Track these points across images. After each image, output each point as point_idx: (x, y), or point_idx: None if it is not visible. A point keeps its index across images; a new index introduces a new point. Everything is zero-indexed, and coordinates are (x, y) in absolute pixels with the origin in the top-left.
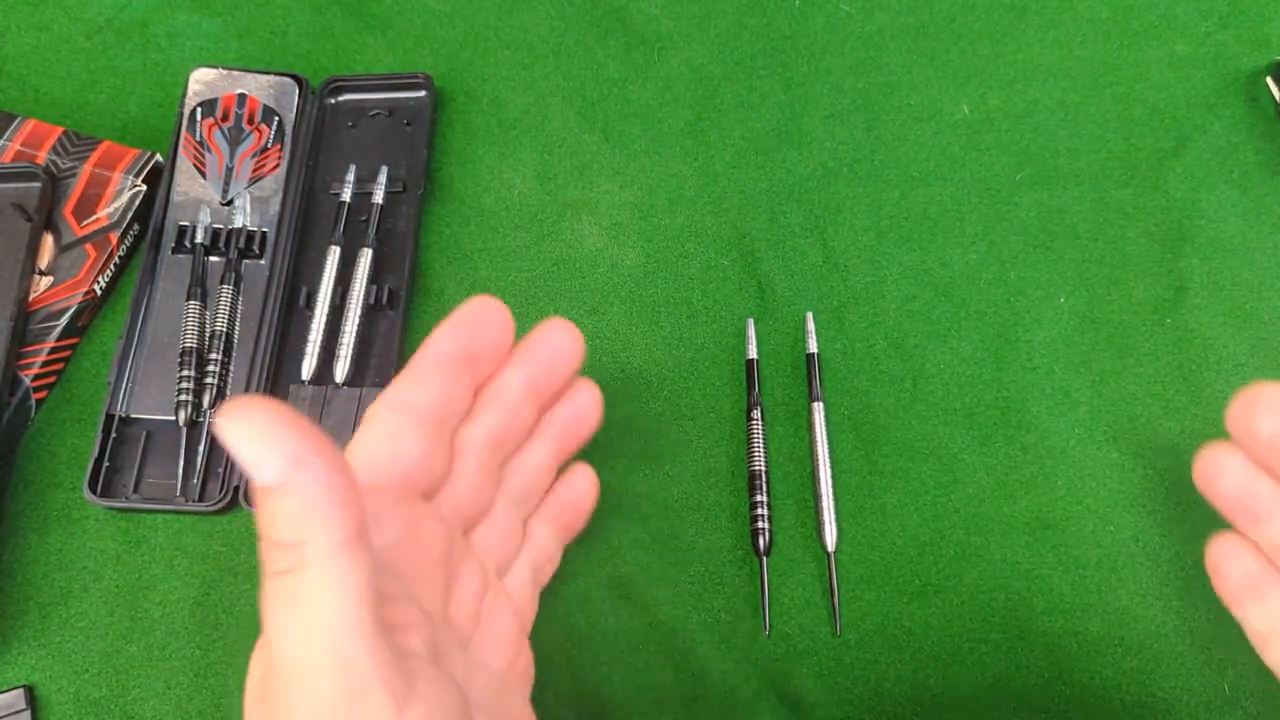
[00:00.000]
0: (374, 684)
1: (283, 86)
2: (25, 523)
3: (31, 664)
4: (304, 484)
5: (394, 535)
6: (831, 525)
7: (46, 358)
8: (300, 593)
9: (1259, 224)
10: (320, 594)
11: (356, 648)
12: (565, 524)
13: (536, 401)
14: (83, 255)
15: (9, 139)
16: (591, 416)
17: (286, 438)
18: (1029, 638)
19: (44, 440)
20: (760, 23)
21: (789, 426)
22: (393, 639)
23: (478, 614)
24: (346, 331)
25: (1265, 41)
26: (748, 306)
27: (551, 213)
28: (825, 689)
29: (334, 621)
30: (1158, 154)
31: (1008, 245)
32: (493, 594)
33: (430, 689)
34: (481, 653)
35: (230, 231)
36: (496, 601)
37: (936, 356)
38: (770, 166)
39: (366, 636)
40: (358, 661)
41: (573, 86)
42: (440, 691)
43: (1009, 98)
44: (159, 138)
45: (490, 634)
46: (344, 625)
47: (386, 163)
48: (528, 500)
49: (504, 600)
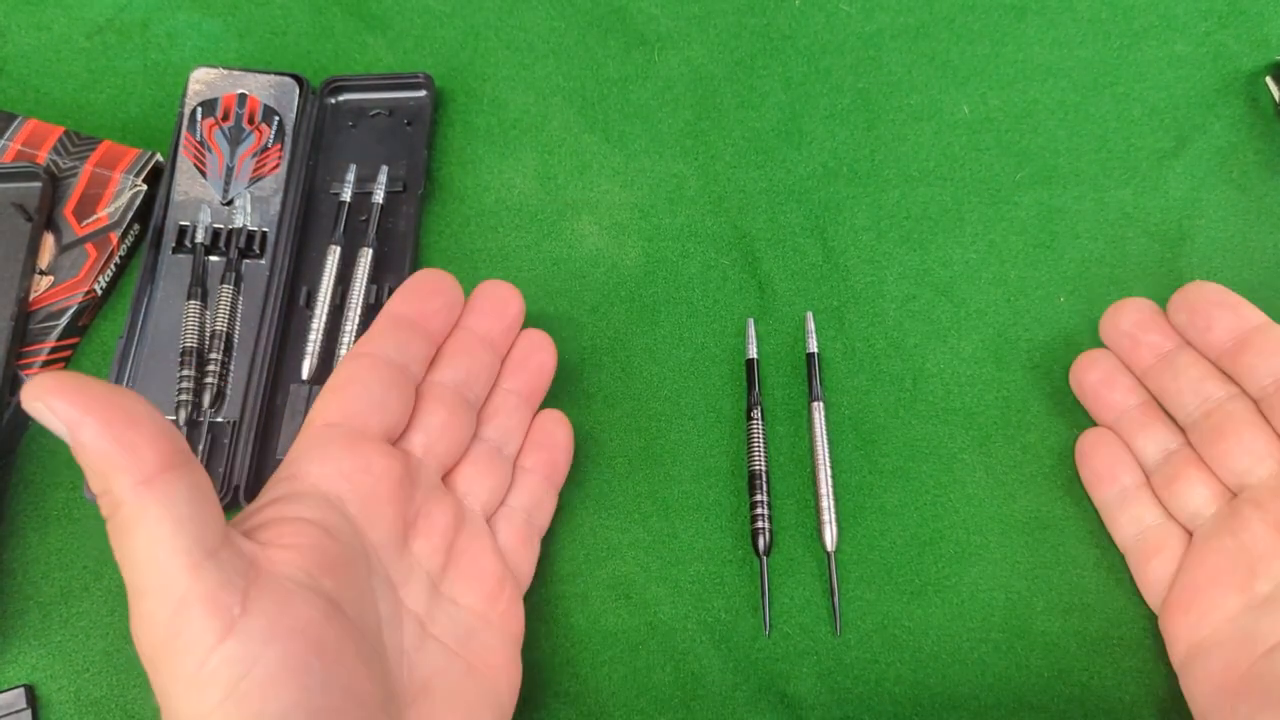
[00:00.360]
0: (194, 601)
1: (283, 86)
2: (26, 522)
3: (32, 663)
4: (86, 440)
5: (336, 469)
6: (831, 525)
7: (47, 357)
8: (121, 530)
9: (1259, 224)
10: (134, 528)
11: (172, 569)
12: (548, 465)
13: (492, 348)
14: (83, 255)
15: (9, 139)
16: (545, 355)
17: (63, 403)
18: (1029, 637)
19: (44, 440)
20: (760, 22)
21: (789, 426)
22: (234, 559)
23: (448, 549)
24: (347, 331)
25: (1265, 41)
26: (748, 306)
27: (552, 212)
28: (825, 689)
29: (149, 549)
30: (1157, 154)
31: (1008, 245)
32: (470, 532)
33: (274, 605)
34: (453, 589)
35: (230, 231)
36: (475, 540)
37: (936, 356)
38: (770, 166)
39: (183, 558)
40: (176, 582)
41: (573, 86)
42: (289, 608)
43: (1009, 98)
44: (159, 137)
45: (464, 572)
46: (157, 552)
47: (387, 162)
48: (507, 444)
49: (485, 541)
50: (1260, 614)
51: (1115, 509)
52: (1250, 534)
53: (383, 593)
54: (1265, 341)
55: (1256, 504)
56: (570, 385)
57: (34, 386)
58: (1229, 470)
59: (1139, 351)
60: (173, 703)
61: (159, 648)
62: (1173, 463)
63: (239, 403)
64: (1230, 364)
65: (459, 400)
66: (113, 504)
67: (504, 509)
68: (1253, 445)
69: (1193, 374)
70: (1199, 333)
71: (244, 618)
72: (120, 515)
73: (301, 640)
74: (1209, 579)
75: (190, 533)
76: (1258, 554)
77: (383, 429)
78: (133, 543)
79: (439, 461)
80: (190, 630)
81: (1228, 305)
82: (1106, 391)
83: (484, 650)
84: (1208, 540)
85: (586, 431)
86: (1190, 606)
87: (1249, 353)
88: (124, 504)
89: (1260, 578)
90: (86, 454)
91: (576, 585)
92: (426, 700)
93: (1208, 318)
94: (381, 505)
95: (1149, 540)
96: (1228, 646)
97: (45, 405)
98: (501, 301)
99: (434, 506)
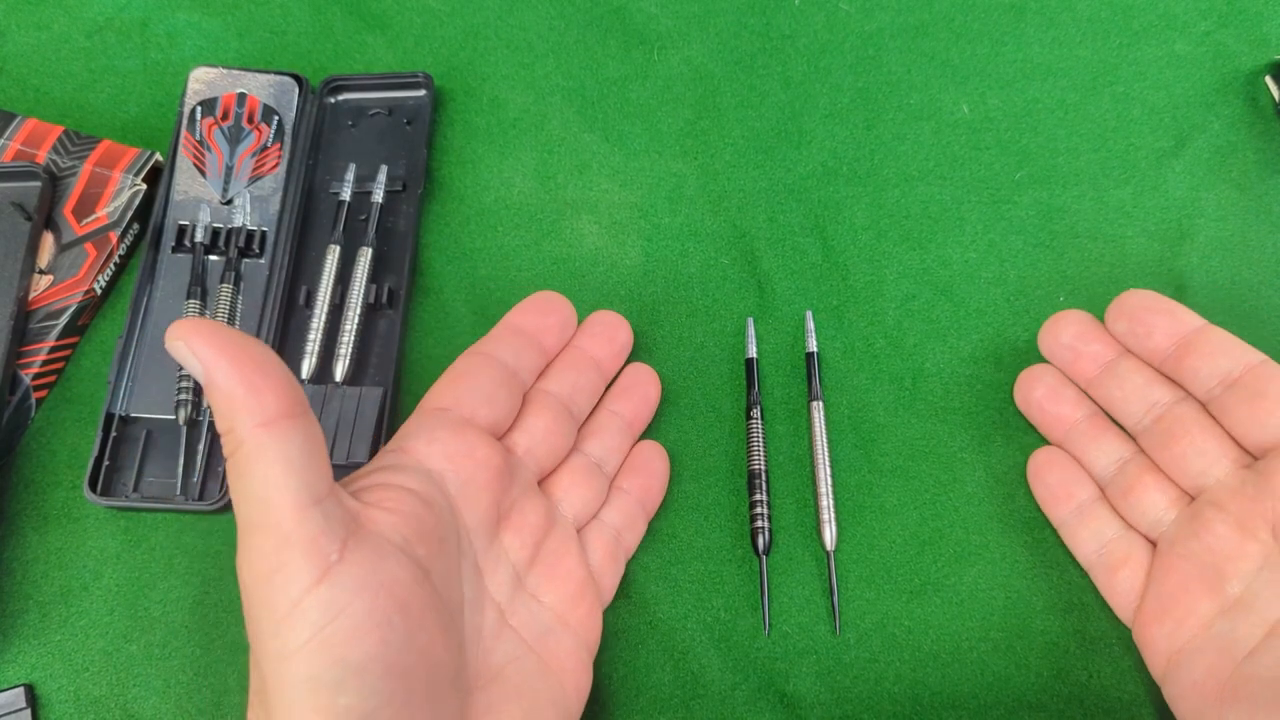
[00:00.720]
0: (297, 541)
1: (283, 86)
2: (25, 522)
3: (32, 662)
4: (218, 381)
5: (441, 449)
6: (831, 524)
7: (46, 357)
8: (239, 468)
9: (1258, 223)
10: (251, 466)
11: (282, 508)
12: (644, 490)
13: (599, 370)
14: (83, 254)
15: (9, 138)
16: (650, 388)
17: (202, 344)
18: (1028, 636)
19: (44, 439)
20: (760, 22)
21: (788, 425)
22: (338, 510)
23: (536, 547)
24: (346, 330)
25: (1265, 41)
26: (747, 305)
27: (551, 212)
28: (824, 688)
29: (262, 487)
30: (1157, 153)
31: (1007, 244)
32: (560, 536)
33: (369, 560)
34: (536, 585)
35: (230, 230)
36: (563, 544)
37: (936, 355)
38: (770, 165)
39: (291, 499)
40: (283, 521)
41: (572, 85)
42: (382, 564)
43: (1008, 97)
44: (159, 137)
45: (549, 571)
46: (270, 491)
47: (386, 162)
48: (606, 462)
49: (572, 546)
50: (1236, 617)
51: (1074, 526)
52: (1214, 535)
53: (469, 574)
54: (1206, 344)
55: (1216, 505)
56: None
57: (177, 327)
58: (1184, 474)
59: (1081, 363)
60: (262, 639)
61: (259, 582)
62: (1127, 472)
63: None
64: (1174, 368)
65: (563, 410)
66: (235, 441)
67: (595, 523)
68: (1205, 447)
69: (1137, 380)
70: (1139, 340)
71: (340, 565)
72: (240, 453)
73: (390, 596)
74: (1179, 586)
75: (301, 477)
76: (1224, 555)
77: (489, 422)
78: (249, 480)
79: (538, 464)
80: (289, 568)
81: (1165, 311)
82: (1053, 406)
83: (559, 650)
84: (1172, 547)
85: None
86: (1164, 616)
87: (1192, 356)
88: (245, 442)
89: (1230, 579)
90: (217, 393)
91: None
92: (496, 687)
93: (1147, 324)
94: (479, 490)
95: (1112, 553)
96: (1207, 653)
97: (186, 345)
98: (611, 328)
99: (527, 504)
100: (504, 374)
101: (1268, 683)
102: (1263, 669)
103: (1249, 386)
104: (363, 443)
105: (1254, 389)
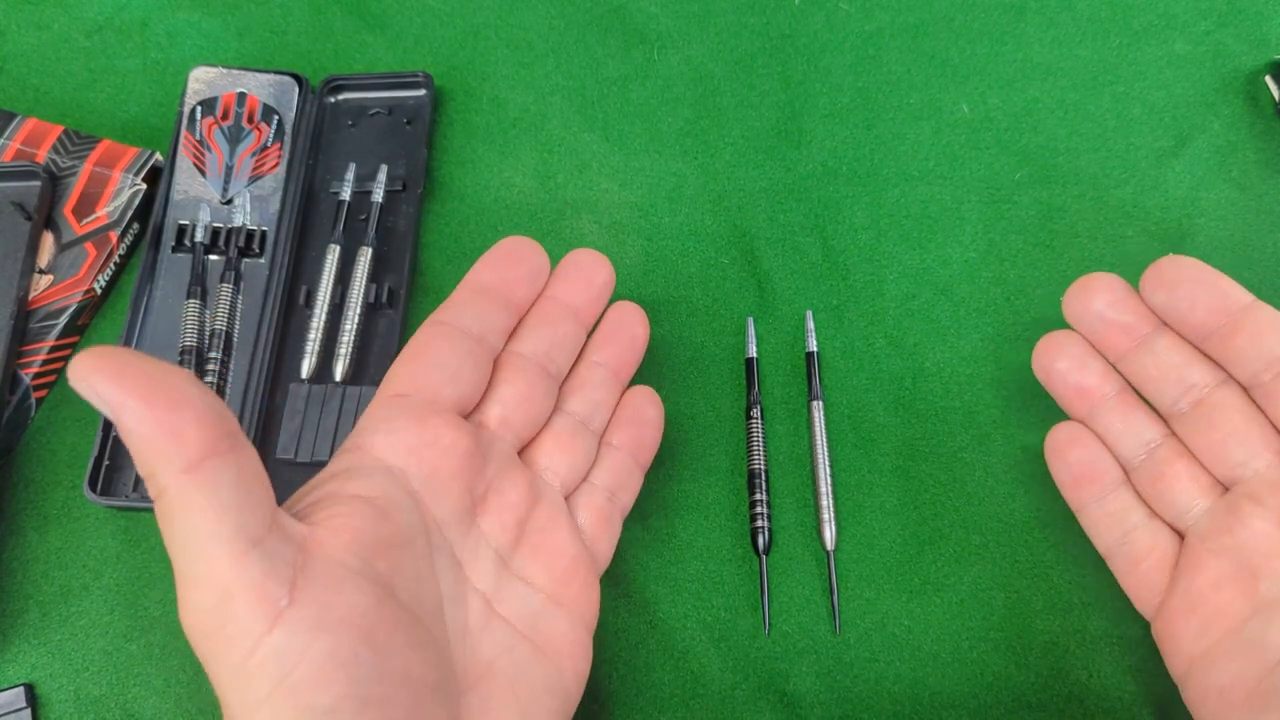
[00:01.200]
0: (239, 592)
1: (282, 85)
2: (25, 521)
3: (32, 662)
4: (130, 425)
5: (401, 442)
6: (831, 524)
7: (46, 356)
8: (165, 517)
9: (1259, 223)
10: (177, 516)
11: (218, 559)
12: (635, 442)
13: (578, 319)
14: (83, 254)
15: (9, 138)
16: (637, 328)
17: (106, 384)
18: (1028, 636)
19: (44, 439)
20: (760, 21)
21: (788, 425)
22: (282, 546)
23: (519, 526)
24: (346, 330)
25: (1265, 41)
26: (747, 305)
27: (551, 211)
28: (825, 687)
29: (193, 538)
30: (1157, 153)
31: (1007, 244)
32: (546, 510)
33: (323, 594)
34: (523, 567)
35: (230, 230)
36: (551, 518)
37: (936, 355)
38: (770, 165)
39: (226, 548)
40: (221, 572)
41: (572, 85)
42: (338, 596)
43: (1008, 97)
44: (159, 136)
45: (536, 549)
46: (202, 541)
47: (386, 161)
48: (593, 418)
49: (560, 519)
50: (1269, 620)
51: (1095, 511)
52: (1250, 531)
53: (445, 570)
54: (1254, 323)
55: (1255, 499)
56: None
57: (78, 364)
58: (1222, 463)
59: (1112, 335)
60: (224, 692)
61: (207, 637)
62: (1157, 457)
63: (239, 402)
64: (1217, 348)
65: (539, 372)
66: (157, 489)
67: (585, 485)
68: (1247, 436)
69: (1175, 359)
70: (1180, 314)
71: (291, 608)
72: (164, 502)
73: (351, 630)
74: (1210, 584)
75: (234, 521)
76: (1260, 554)
77: (455, 401)
78: (177, 530)
79: (515, 435)
80: (236, 622)
81: (1209, 283)
82: (1078, 377)
83: (553, 634)
84: (1204, 541)
85: None
86: (1191, 615)
87: (1238, 336)
88: (167, 491)
89: (1264, 579)
90: (131, 438)
91: None
92: (489, 682)
93: (1189, 298)
94: (447, 480)
95: (1136, 543)
96: (1236, 656)
97: (88, 385)
98: (588, 270)
99: (506, 481)
100: (467, 343)
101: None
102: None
103: None
104: None
105: None
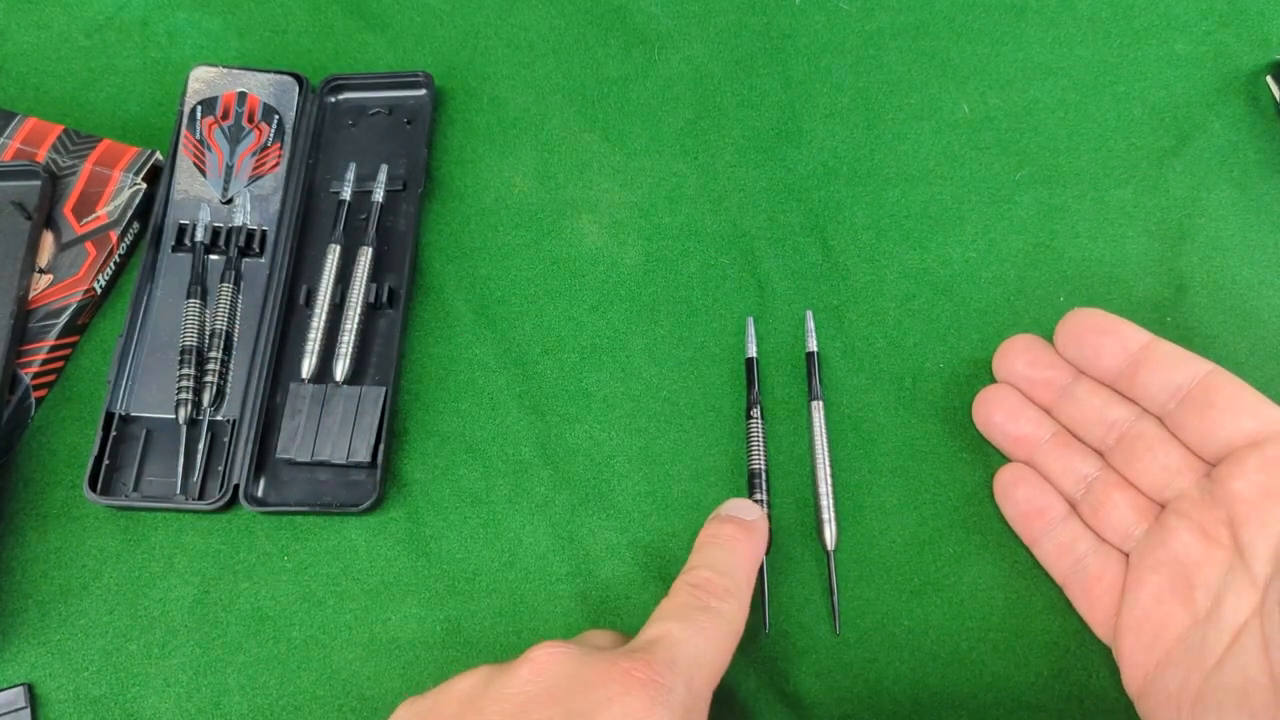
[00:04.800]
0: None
1: (283, 85)
2: (25, 521)
3: (31, 662)
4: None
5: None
6: (831, 524)
7: (46, 356)
8: (715, 621)
9: (1259, 223)
10: (723, 627)
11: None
12: None
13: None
14: (83, 253)
15: (9, 137)
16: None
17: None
18: (1028, 637)
19: (44, 438)
20: (760, 21)
21: (788, 425)
22: None
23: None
24: (346, 330)
25: (1265, 41)
26: (747, 305)
27: (551, 211)
28: (824, 687)
29: (720, 656)
30: (1157, 153)
31: (1007, 244)
32: None
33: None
34: None
35: (230, 230)
36: None
37: (936, 355)
38: (770, 165)
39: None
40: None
41: (573, 85)
42: None
43: (1008, 97)
44: (159, 136)
45: None
46: (723, 662)
47: (386, 161)
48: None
49: None
50: (1206, 627)
51: (1046, 544)
52: (1179, 544)
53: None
54: (1154, 359)
55: (1180, 514)
56: (569, 384)
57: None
58: (1151, 487)
59: (1037, 390)
60: None
61: None
62: (1096, 489)
63: (239, 401)
64: (1127, 386)
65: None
66: (723, 598)
67: None
68: (1167, 460)
69: (1095, 402)
70: (1089, 362)
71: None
72: (722, 609)
73: None
74: (1153, 599)
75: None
76: (1191, 563)
77: None
78: (716, 639)
79: None
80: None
81: (1110, 330)
82: (1016, 429)
83: None
84: (1143, 559)
85: (585, 431)
86: (1141, 630)
87: (1142, 373)
88: (731, 600)
89: (1198, 589)
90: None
91: (575, 585)
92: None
93: (1094, 347)
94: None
95: (1088, 569)
96: (1181, 665)
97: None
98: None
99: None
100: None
101: (1230, 690)
102: (1227, 677)
103: (1198, 398)
104: (363, 442)
105: (1203, 400)
